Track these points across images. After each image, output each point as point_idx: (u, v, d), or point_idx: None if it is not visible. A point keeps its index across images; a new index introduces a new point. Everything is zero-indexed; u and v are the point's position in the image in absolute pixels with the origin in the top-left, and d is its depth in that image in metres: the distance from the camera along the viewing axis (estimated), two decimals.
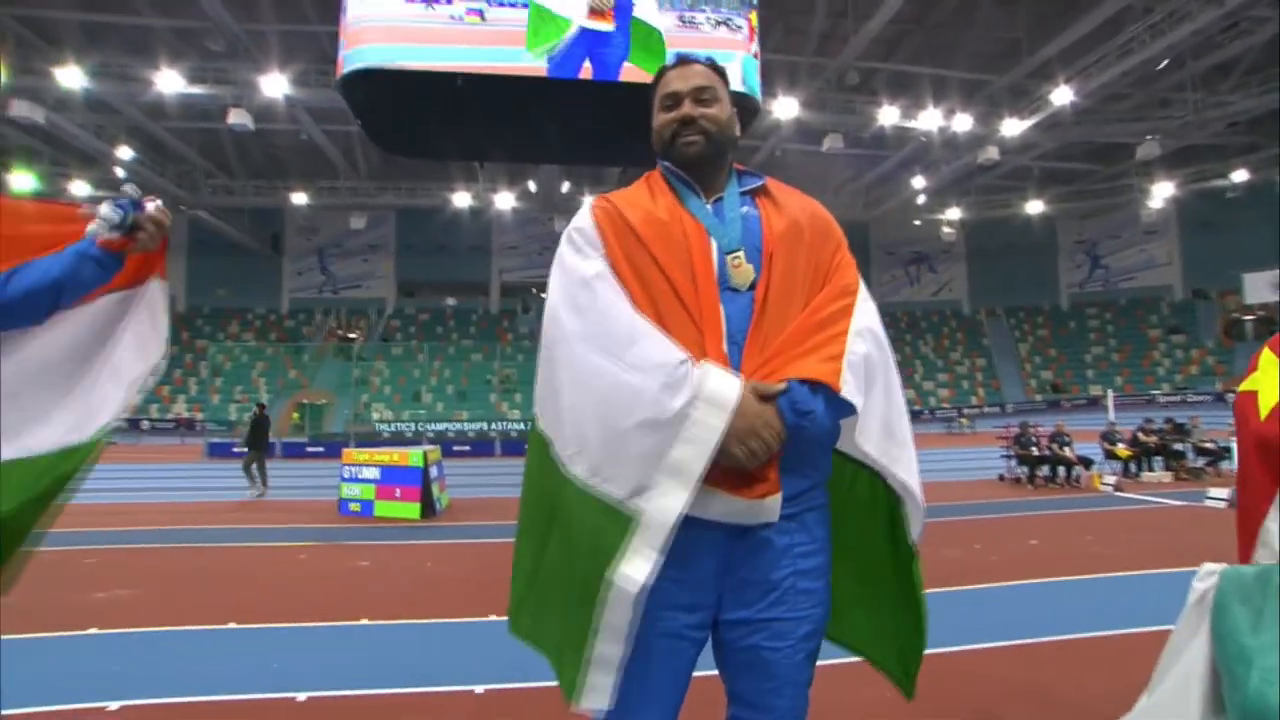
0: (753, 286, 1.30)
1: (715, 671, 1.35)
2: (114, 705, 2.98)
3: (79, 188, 25.60)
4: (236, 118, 19.63)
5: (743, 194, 1.41)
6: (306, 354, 31.99)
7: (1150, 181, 27.21)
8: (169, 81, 18.89)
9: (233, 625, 4.12)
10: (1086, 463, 11.50)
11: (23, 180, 24.77)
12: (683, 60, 1.43)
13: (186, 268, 33.67)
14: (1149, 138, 23.00)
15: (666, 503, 1.14)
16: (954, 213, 30.85)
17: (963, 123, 21.62)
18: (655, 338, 1.20)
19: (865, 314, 1.33)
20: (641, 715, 1.25)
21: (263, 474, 11.18)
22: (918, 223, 33.77)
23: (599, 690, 1.17)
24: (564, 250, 1.35)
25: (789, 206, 1.40)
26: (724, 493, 1.20)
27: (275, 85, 19.13)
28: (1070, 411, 26.68)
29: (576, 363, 1.23)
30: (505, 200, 27.92)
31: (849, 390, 1.22)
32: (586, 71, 9.67)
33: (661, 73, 1.45)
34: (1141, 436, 12.68)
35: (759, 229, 1.35)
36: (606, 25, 9.35)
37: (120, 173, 24.77)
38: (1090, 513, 8.48)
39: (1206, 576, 0.85)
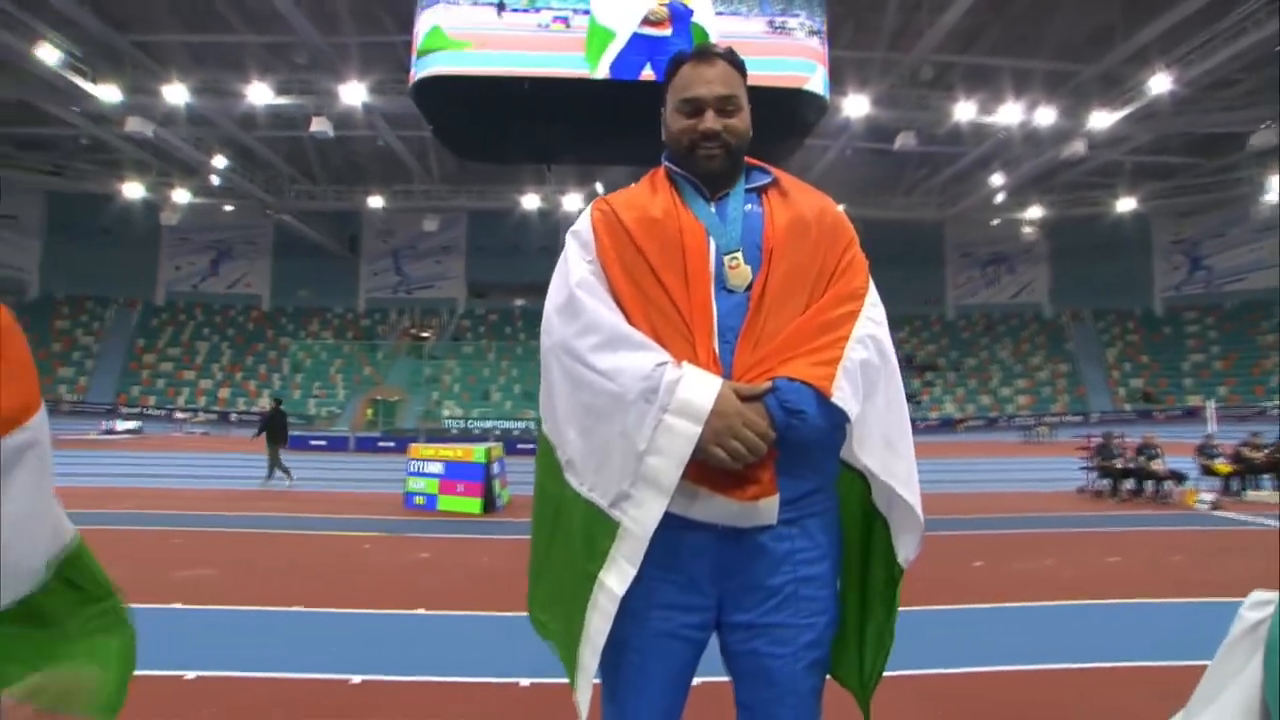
0: (750, 287, 1.26)
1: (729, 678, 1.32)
2: (190, 675, 3.22)
3: (181, 195, 27.45)
4: (318, 126, 20.64)
5: (749, 191, 1.37)
6: (381, 352, 33.30)
7: (1265, 174, 25.14)
8: (259, 94, 20.04)
9: (298, 608, 4.33)
10: (1179, 478, 10.72)
11: (135, 190, 26.77)
12: (702, 56, 1.35)
13: (272, 269, 35.59)
14: (1264, 125, 21.26)
15: (642, 514, 1.15)
16: (1035, 211, 29.43)
17: (1046, 116, 20.60)
18: (634, 345, 1.20)
19: (871, 320, 1.29)
20: (638, 712, 1.24)
21: (271, 466, 11.45)
22: (996, 222, 32.41)
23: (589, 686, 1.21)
24: (564, 253, 1.35)
25: (797, 204, 1.36)
26: (716, 494, 1.18)
27: (354, 94, 20.01)
28: (1163, 423, 25.02)
29: (565, 370, 1.24)
30: (573, 202, 28.29)
31: (841, 396, 1.18)
32: (649, 74, 9.72)
33: (676, 64, 1.37)
34: (1246, 452, 11.71)
35: (760, 226, 1.32)
36: (664, 32, 9.40)
37: (216, 180, 26.42)
38: (1181, 531, 7.90)
39: (1260, 606, 0.77)
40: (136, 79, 20.22)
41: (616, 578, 1.16)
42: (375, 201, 29.41)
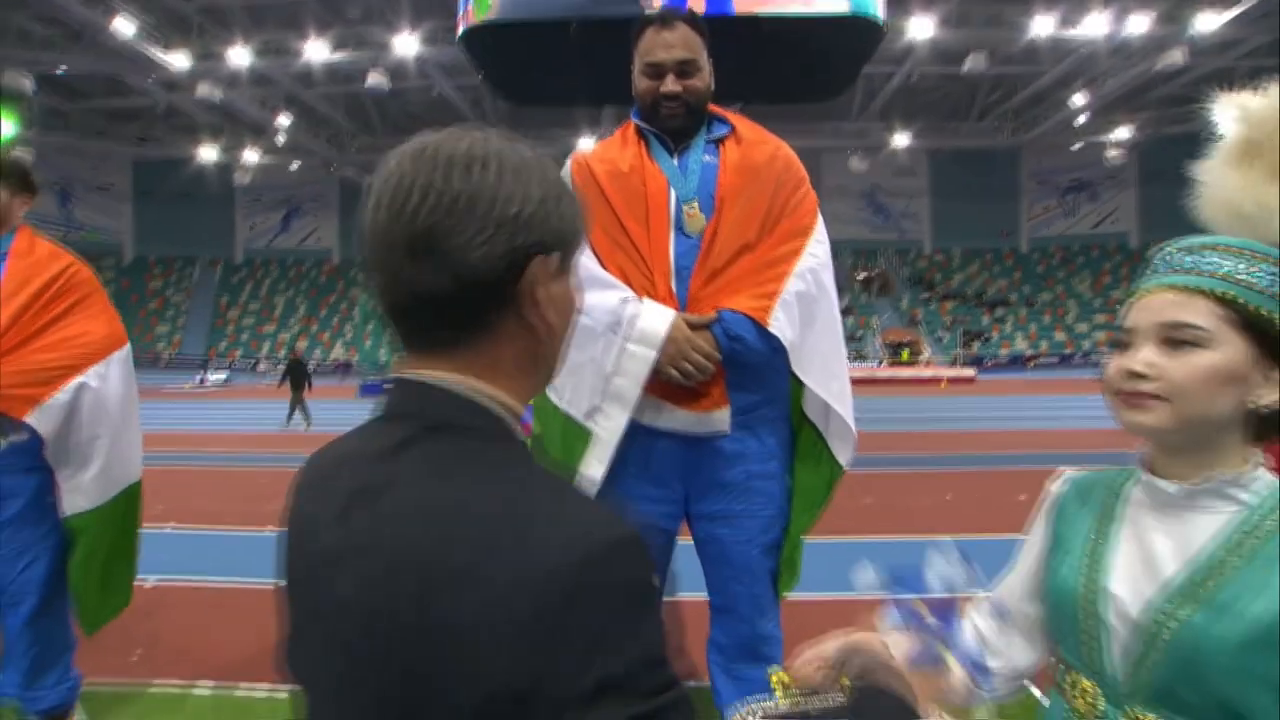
0: (704, 230, 1.45)
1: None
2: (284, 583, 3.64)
3: (251, 155, 28.51)
4: (374, 79, 20.92)
5: (709, 142, 1.53)
6: None
7: None
8: (316, 51, 20.41)
9: None
10: None
11: (210, 153, 27.94)
12: (664, 22, 1.47)
13: (339, 224, 36.77)
14: None
15: (610, 424, 1.39)
16: (1122, 133, 27.32)
17: (1138, 24, 18.84)
18: (602, 285, 1.42)
19: (812, 255, 1.48)
20: None
21: (291, 410, 12.19)
22: (1077, 146, 30.30)
23: None
24: None
25: (750, 152, 1.51)
26: (675, 407, 1.42)
27: (407, 45, 20.14)
28: None
29: None
30: None
31: (777, 325, 1.39)
32: (699, 5, 9.44)
33: (641, 27, 1.50)
34: None
35: (714, 176, 1.48)
36: None
37: (281, 140, 27.28)
38: None
39: (1062, 483, 0.90)
40: (204, 44, 20.87)
41: (593, 469, 1.40)
42: None
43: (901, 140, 27.96)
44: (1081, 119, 26.54)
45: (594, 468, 1.40)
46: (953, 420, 12.05)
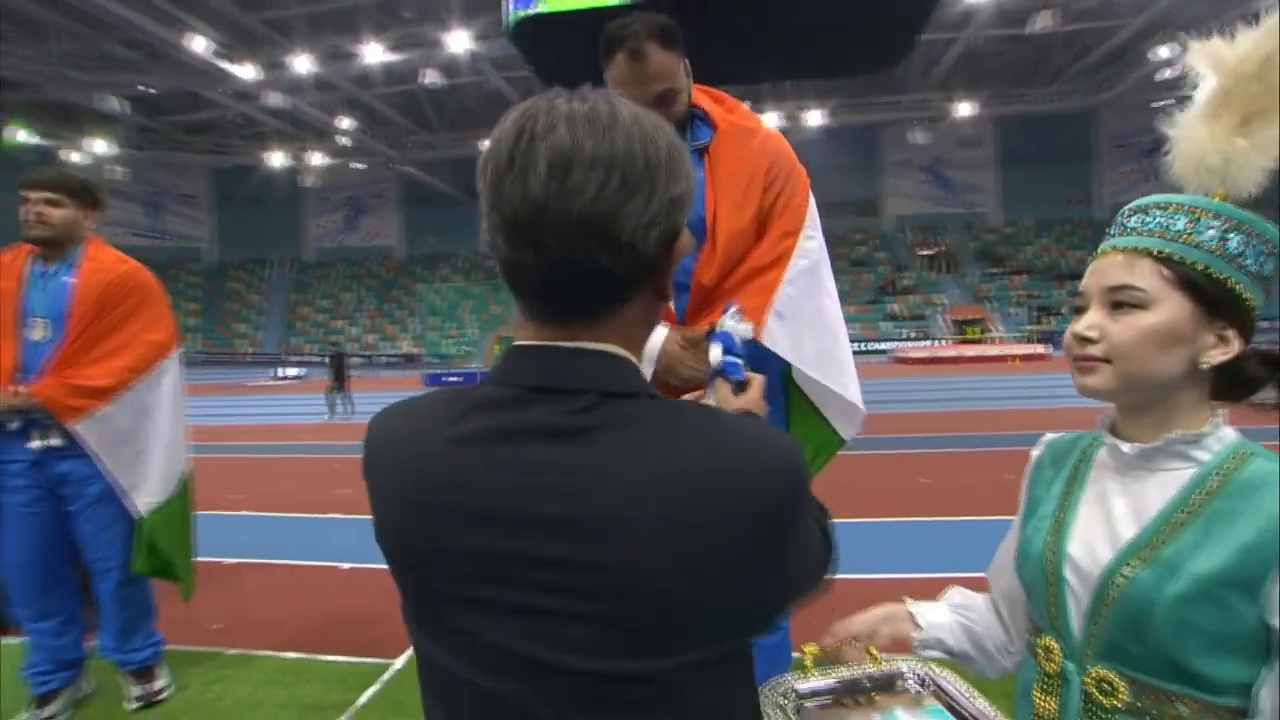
0: (697, 249, 1.43)
1: None
2: (345, 565, 3.90)
3: (315, 158, 29.63)
4: (429, 77, 21.41)
5: (694, 152, 1.45)
6: (505, 290, 34.95)
7: None
8: (373, 53, 21.02)
9: None
10: None
11: (279, 158, 29.19)
12: (634, 54, 1.34)
13: (403, 220, 37.89)
14: None
15: None
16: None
17: None
18: None
19: (803, 256, 1.47)
20: None
21: (333, 402, 12.83)
22: (1162, 104, 28.38)
23: None
24: None
25: (736, 157, 1.45)
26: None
27: (460, 42, 20.51)
28: None
29: None
30: None
31: (769, 338, 1.41)
32: None
33: (610, 45, 1.37)
34: None
35: (702, 195, 1.43)
36: None
37: (344, 141, 28.24)
38: None
39: (1038, 446, 0.88)
40: (269, 55, 21.79)
41: None
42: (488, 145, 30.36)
43: (965, 109, 26.81)
44: (1166, 73, 24.83)
45: None
46: (1021, 398, 11.58)
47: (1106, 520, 0.74)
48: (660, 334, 1.40)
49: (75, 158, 29.26)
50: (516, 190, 0.54)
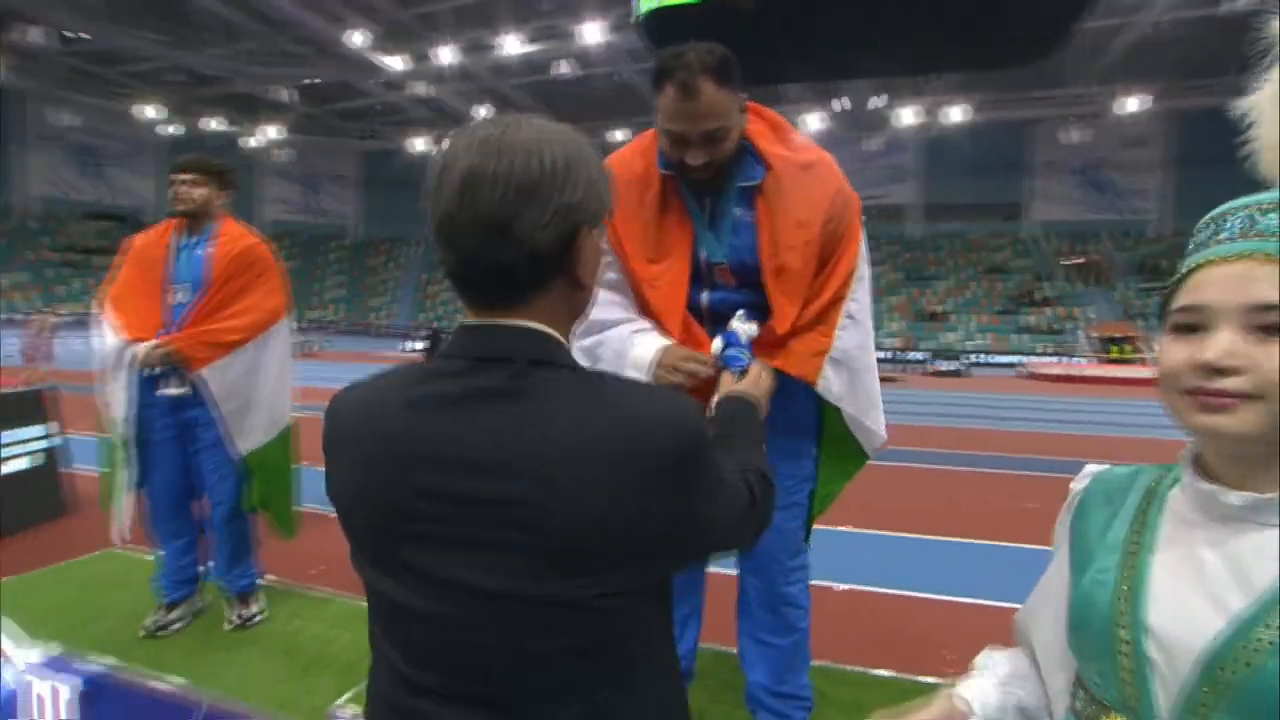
0: (740, 286, 1.46)
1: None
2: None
3: None
4: (563, 68, 22.05)
5: (742, 189, 1.42)
6: None
7: None
8: (511, 45, 21.90)
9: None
10: None
11: (421, 143, 31.13)
12: (685, 89, 1.28)
13: None
14: None
15: None
16: None
17: None
18: (611, 325, 1.46)
19: (855, 301, 1.47)
20: None
21: None
22: None
23: None
24: None
25: (791, 202, 1.40)
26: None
27: (593, 34, 20.97)
28: None
29: (581, 349, 1.56)
30: (811, 121, 26.95)
31: (824, 385, 1.46)
32: None
33: (661, 76, 1.32)
34: None
35: (753, 241, 1.42)
36: None
37: None
38: None
39: (1082, 479, 0.75)
40: (417, 47, 23.25)
41: None
42: (618, 135, 30.85)
43: (1131, 104, 24.26)
44: None
45: None
46: (1167, 428, 10.43)
47: (1200, 585, 0.61)
48: (649, 351, 1.39)
49: (251, 142, 32.62)
50: (439, 206, 0.68)
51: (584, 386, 0.69)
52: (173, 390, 2.28)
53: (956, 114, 25.20)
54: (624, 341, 1.43)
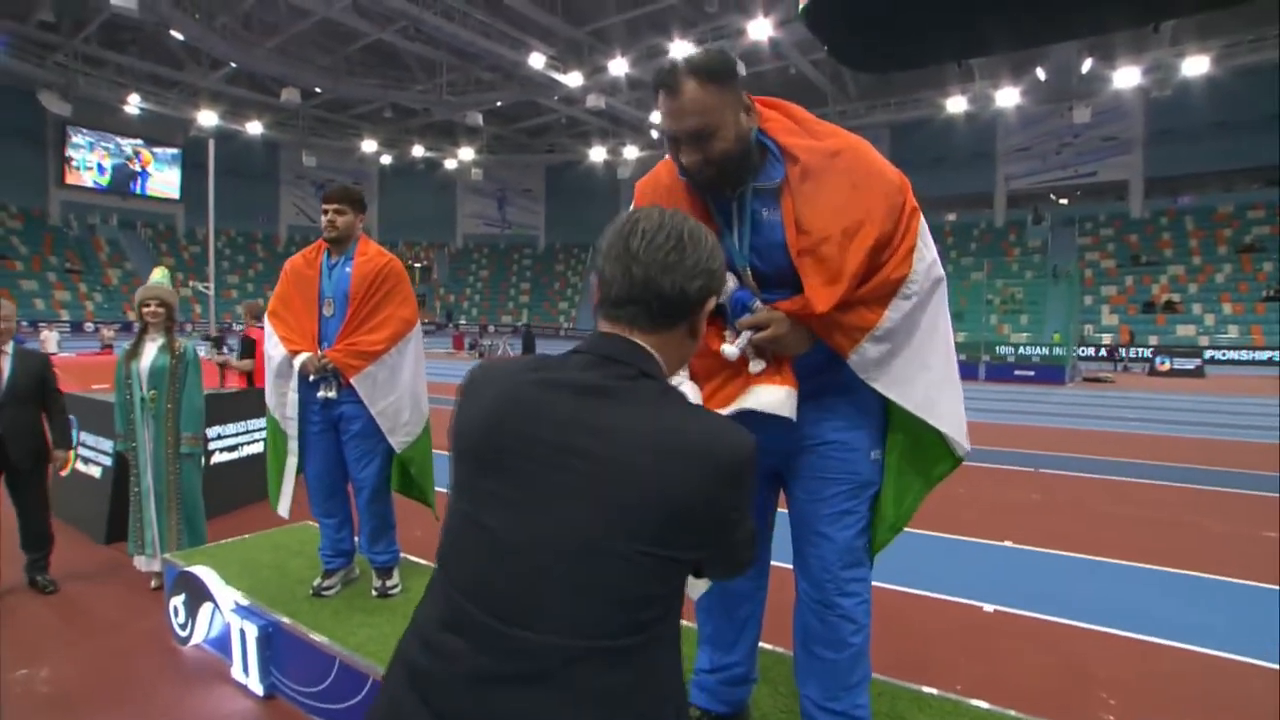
0: (769, 287, 1.44)
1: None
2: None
3: (630, 152, 32.47)
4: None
5: (762, 192, 1.40)
6: None
7: None
8: (680, 49, 22.20)
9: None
10: None
11: (599, 153, 32.63)
12: (668, 86, 1.29)
13: None
14: None
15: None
16: None
17: None
18: None
19: (916, 277, 1.40)
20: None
21: None
22: None
23: None
24: None
25: (825, 187, 1.36)
26: (761, 385, 1.44)
27: (761, 29, 20.69)
28: None
29: None
30: (1009, 97, 24.39)
31: (858, 359, 1.42)
32: None
33: (654, 85, 1.34)
34: None
35: (780, 238, 1.40)
36: None
37: (655, 135, 30.43)
38: None
39: None
40: (592, 62, 24.42)
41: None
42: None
43: None
44: None
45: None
46: None
47: None
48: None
49: (450, 164, 36.25)
50: (623, 241, 0.91)
51: (675, 398, 0.89)
52: (330, 393, 2.64)
53: (1196, 65, 21.38)
54: None
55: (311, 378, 2.63)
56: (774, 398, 1.40)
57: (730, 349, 1.39)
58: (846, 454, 1.50)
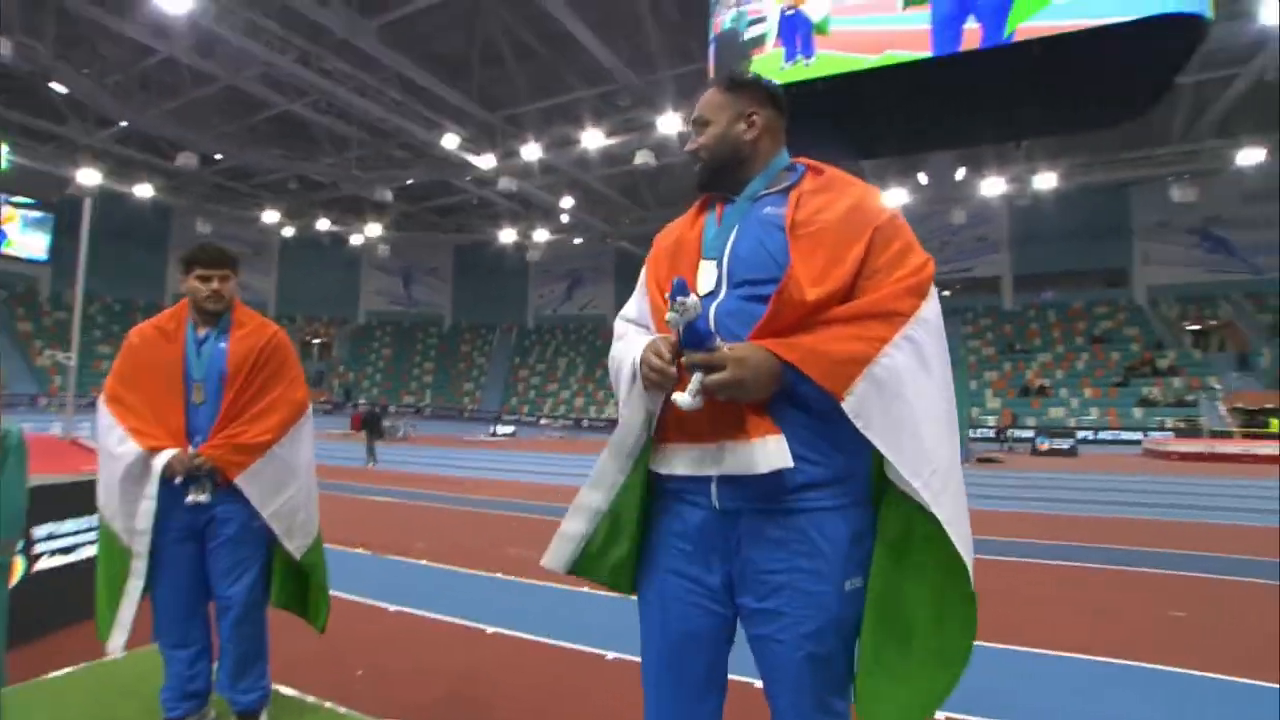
0: (741, 283, 1.32)
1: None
2: (490, 629, 3.90)
3: (540, 234, 32.80)
4: (641, 158, 22.87)
5: (765, 195, 1.41)
6: None
7: None
8: (593, 139, 22.98)
9: (585, 589, 4.81)
10: None
11: (509, 235, 32.75)
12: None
13: (615, 291, 40.28)
14: None
15: (633, 409, 1.38)
16: None
17: None
18: (621, 345, 1.51)
19: (923, 320, 1.24)
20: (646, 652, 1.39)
21: (372, 453, 13.93)
22: None
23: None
24: None
25: (830, 201, 1.33)
26: (722, 441, 1.26)
27: (670, 124, 21.72)
28: None
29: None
30: (897, 197, 26.52)
31: (854, 405, 1.18)
32: (973, 38, 8.60)
33: None
34: None
35: (778, 223, 1.33)
36: None
37: (565, 219, 30.99)
38: None
39: None
40: (505, 145, 24.80)
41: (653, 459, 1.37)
42: None
43: (1252, 156, 22.51)
44: None
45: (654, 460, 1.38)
46: None
47: None
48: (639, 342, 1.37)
49: (356, 239, 35.33)
50: None
51: None
52: (201, 497, 2.16)
53: (1048, 181, 24.19)
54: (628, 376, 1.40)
55: (178, 480, 2.15)
56: (755, 453, 1.22)
57: (685, 399, 1.18)
58: (821, 586, 1.25)
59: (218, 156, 27.29)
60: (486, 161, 24.40)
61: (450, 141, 23.06)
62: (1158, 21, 8.13)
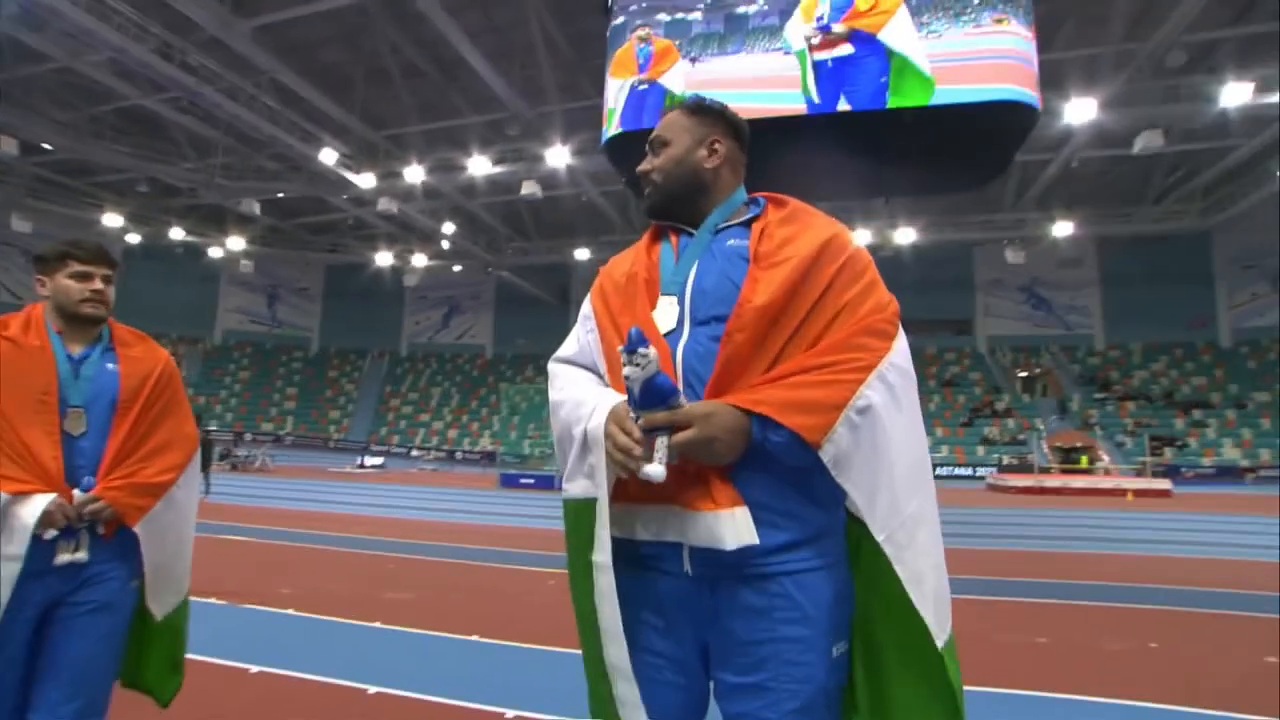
0: (707, 320, 1.25)
1: None
2: (372, 689, 3.53)
3: (419, 259, 31.67)
4: (528, 189, 22.76)
5: (726, 227, 1.36)
6: None
7: None
8: (479, 166, 22.64)
9: (475, 637, 4.55)
10: None
11: (386, 258, 31.36)
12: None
13: (494, 321, 39.47)
14: None
15: (595, 480, 1.23)
16: None
17: None
18: (575, 404, 1.31)
19: (895, 365, 1.21)
20: None
21: (206, 482, 13.58)
22: None
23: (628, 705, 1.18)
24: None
25: (796, 232, 1.30)
26: (685, 509, 1.16)
27: (559, 157, 21.82)
28: None
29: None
30: None
31: (832, 450, 1.12)
32: (846, 103, 9.32)
33: None
34: None
35: (741, 255, 1.28)
36: (845, 50, 8.94)
37: (446, 245, 30.14)
38: None
39: None
40: (387, 165, 23.88)
41: (599, 550, 1.18)
42: (582, 254, 31.58)
43: (1063, 229, 25.94)
44: None
45: (599, 551, 1.20)
46: (1148, 542, 10.23)
47: None
48: (599, 420, 1.21)
49: (215, 252, 32.49)
50: None
51: None
52: (79, 555, 1.75)
53: (907, 235, 26.56)
54: (580, 416, 1.27)
55: (51, 534, 1.71)
56: (724, 526, 1.13)
57: (657, 470, 1.09)
58: (806, 655, 1.17)
59: (45, 146, 24.23)
60: (366, 180, 23.34)
61: (328, 157, 21.88)
62: (1000, 105, 9.38)
